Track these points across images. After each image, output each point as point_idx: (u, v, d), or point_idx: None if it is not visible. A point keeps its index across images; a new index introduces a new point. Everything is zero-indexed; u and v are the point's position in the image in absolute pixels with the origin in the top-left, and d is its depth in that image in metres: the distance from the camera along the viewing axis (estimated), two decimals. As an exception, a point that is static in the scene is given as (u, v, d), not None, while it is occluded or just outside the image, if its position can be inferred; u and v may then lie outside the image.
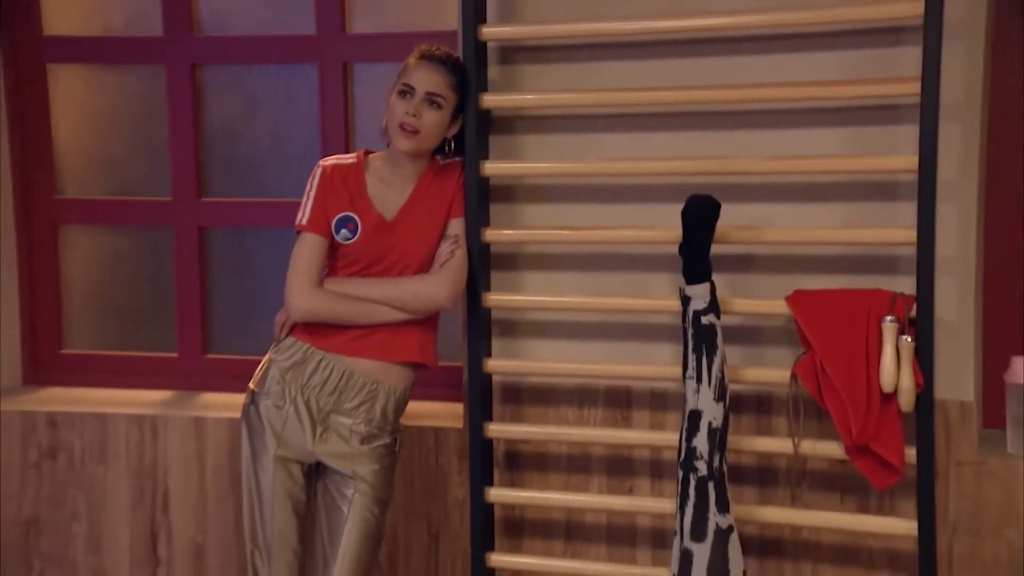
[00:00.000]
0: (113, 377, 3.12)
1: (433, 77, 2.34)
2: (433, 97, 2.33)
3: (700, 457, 2.18)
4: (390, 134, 2.36)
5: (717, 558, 2.16)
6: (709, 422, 2.19)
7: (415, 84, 2.33)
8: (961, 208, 2.27)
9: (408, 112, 2.31)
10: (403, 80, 2.35)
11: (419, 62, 2.36)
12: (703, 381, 2.21)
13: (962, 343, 2.29)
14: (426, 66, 2.35)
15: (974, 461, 2.30)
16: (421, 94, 2.32)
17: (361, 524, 2.38)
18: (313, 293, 2.38)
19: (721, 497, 2.18)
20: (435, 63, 2.36)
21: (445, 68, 2.36)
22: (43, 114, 3.12)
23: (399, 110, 2.33)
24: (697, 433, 2.19)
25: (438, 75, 2.34)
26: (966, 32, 2.23)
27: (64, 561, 2.89)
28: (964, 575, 2.31)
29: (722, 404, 2.21)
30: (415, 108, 2.32)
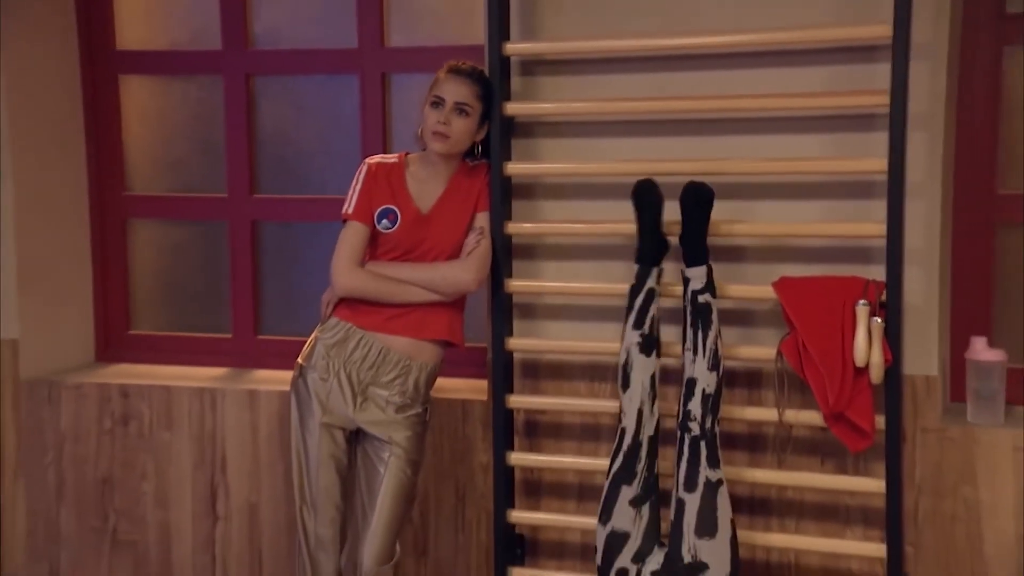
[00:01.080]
0: (175, 355, 3.41)
1: (461, 89, 2.63)
2: (461, 106, 2.63)
3: (694, 419, 2.48)
4: (425, 139, 2.65)
5: (706, 506, 2.45)
6: (703, 389, 2.49)
7: (445, 95, 2.63)
8: (926, 206, 2.54)
9: (440, 120, 2.60)
10: (435, 92, 2.63)
11: (448, 76, 2.64)
12: (698, 352, 2.51)
13: (927, 324, 2.57)
14: (454, 79, 2.64)
15: (937, 428, 2.58)
16: (450, 104, 2.62)
17: (396, 483, 2.68)
18: (355, 272, 2.67)
19: (712, 455, 2.48)
20: (462, 76, 2.65)
21: (471, 80, 2.64)
22: (115, 120, 3.41)
23: (432, 119, 2.63)
24: (692, 398, 2.49)
25: (465, 87, 2.63)
26: (930, 53, 2.49)
27: (134, 515, 3.20)
28: (927, 528, 2.59)
29: (715, 373, 2.50)
30: (446, 117, 2.61)
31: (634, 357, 2.57)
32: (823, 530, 2.67)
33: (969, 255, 2.72)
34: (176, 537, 3.17)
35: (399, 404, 2.68)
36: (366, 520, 2.68)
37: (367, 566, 2.65)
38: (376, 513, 2.66)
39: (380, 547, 2.65)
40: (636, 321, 2.58)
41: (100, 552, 3.23)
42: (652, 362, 2.57)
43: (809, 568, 2.70)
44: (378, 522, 2.66)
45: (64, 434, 3.23)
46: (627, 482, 2.55)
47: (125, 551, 3.21)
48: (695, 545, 2.47)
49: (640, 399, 2.56)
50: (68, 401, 3.22)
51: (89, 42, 3.39)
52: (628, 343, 2.58)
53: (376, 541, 2.65)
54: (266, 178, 3.38)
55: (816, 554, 2.68)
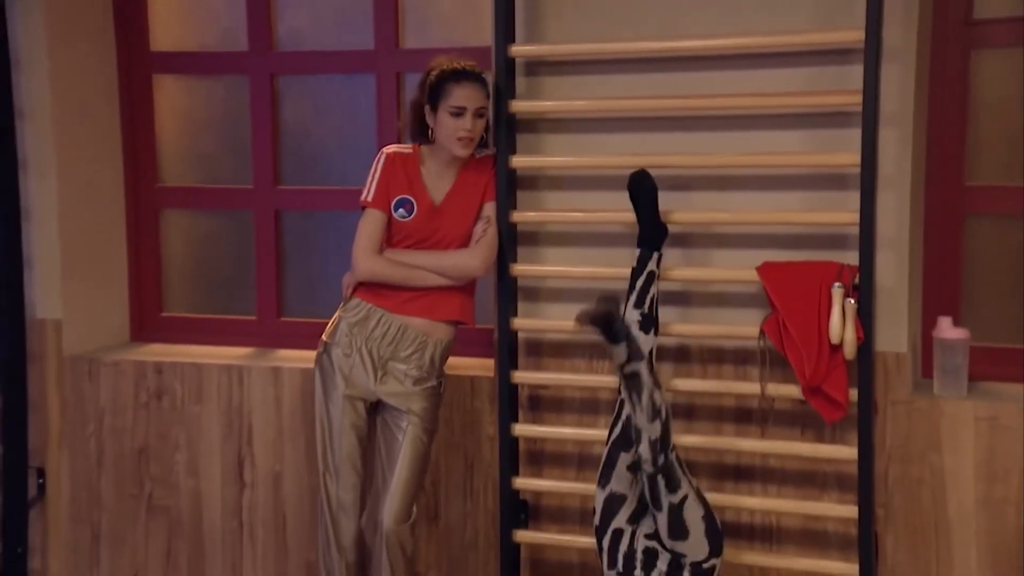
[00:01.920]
0: (204, 335, 3.61)
1: (476, 95, 2.79)
2: (479, 110, 2.80)
3: (646, 461, 2.60)
4: (445, 143, 2.80)
5: (675, 520, 2.59)
6: (649, 437, 2.60)
7: (465, 104, 2.76)
8: (897, 196, 2.75)
9: (466, 128, 2.77)
10: (452, 103, 2.76)
11: (460, 85, 2.76)
12: (636, 410, 2.60)
13: (897, 305, 2.77)
14: (468, 87, 2.77)
15: (906, 401, 2.79)
16: (471, 111, 2.78)
17: (413, 449, 2.90)
18: (374, 258, 2.89)
19: (670, 481, 2.59)
20: (473, 82, 2.78)
21: (480, 84, 2.80)
22: (149, 117, 3.61)
23: (453, 126, 2.76)
24: (641, 443, 2.60)
25: (478, 91, 2.79)
26: (900, 56, 2.69)
27: (168, 483, 3.42)
28: (896, 492, 2.80)
29: (657, 421, 2.59)
30: (471, 123, 2.78)
31: (634, 334, 2.79)
32: (802, 494, 2.88)
33: (939, 242, 2.93)
34: (207, 503, 3.39)
35: (416, 377, 2.90)
36: (386, 484, 2.90)
37: (387, 525, 2.87)
38: (395, 477, 2.88)
39: (399, 507, 2.87)
40: (637, 301, 2.80)
41: (137, 516, 3.45)
42: (651, 339, 2.79)
43: (790, 529, 2.91)
44: (397, 485, 2.87)
45: (103, 407, 3.46)
46: (625, 449, 2.76)
47: (160, 516, 3.43)
48: (671, 544, 2.66)
49: None
50: (107, 377, 3.45)
51: (126, 44, 3.59)
52: (628, 321, 2.79)
53: (395, 502, 2.87)
54: (289, 171, 3.57)
55: (796, 516, 2.89)
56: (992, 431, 2.71)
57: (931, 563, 2.78)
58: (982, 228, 2.95)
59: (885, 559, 2.81)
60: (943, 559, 2.77)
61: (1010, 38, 2.87)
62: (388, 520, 2.87)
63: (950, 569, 2.76)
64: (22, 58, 3.32)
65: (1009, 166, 2.94)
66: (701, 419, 2.96)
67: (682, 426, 2.95)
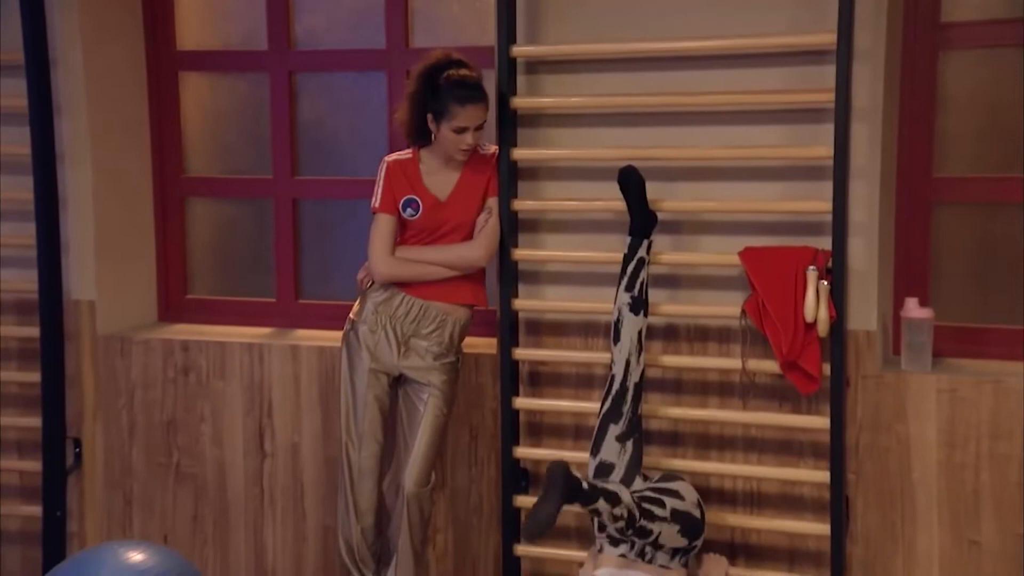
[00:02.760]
0: (226, 316, 3.78)
1: (477, 114, 2.97)
2: (479, 125, 3.01)
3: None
4: (448, 151, 3.01)
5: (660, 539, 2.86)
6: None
7: (467, 124, 2.96)
8: (867, 186, 2.96)
9: (467, 143, 2.98)
10: (457, 123, 2.94)
11: (464, 108, 2.93)
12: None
13: (867, 287, 2.99)
14: (471, 109, 2.95)
15: (876, 375, 3.01)
16: (473, 129, 2.98)
17: (433, 418, 3.13)
18: (390, 262, 3.12)
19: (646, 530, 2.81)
20: (476, 104, 2.95)
21: (482, 103, 2.97)
22: (175, 111, 3.79)
23: (456, 140, 2.97)
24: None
25: (480, 111, 2.98)
26: (870, 57, 2.90)
27: (194, 452, 3.64)
28: (866, 459, 3.02)
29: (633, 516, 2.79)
30: (473, 138, 2.99)
31: (625, 315, 3.02)
32: (780, 461, 3.10)
33: (909, 229, 3.14)
34: (230, 471, 3.62)
35: (436, 353, 3.13)
36: (408, 451, 3.13)
37: (409, 488, 3.10)
38: (416, 444, 3.11)
39: (420, 472, 3.11)
40: (628, 284, 3.03)
41: (165, 483, 3.68)
42: (640, 320, 3.02)
43: (769, 494, 3.13)
44: (418, 451, 3.11)
45: (134, 383, 3.67)
46: (615, 421, 3.00)
47: (187, 483, 3.66)
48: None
49: (628, 351, 3.00)
50: (137, 354, 3.67)
51: (154, 44, 3.77)
52: (620, 303, 3.03)
53: (416, 467, 3.10)
54: (306, 162, 3.74)
55: (774, 481, 3.11)
56: (952, 402, 2.93)
57: (897, 523, 3.01)
58: (949, 216, 3.16)
59: (856, 520, 3.03)
60: (908, 519, 3.00)
61: (975, 40, 3.09)
62: (410, 484, 3.11)
63: (914, 528, 3.00)
64: (59, 58, 3.52)
65: (975, 159, 3.16)
66: (687, 393, 3.18)
67: (670, 399, 3.18)
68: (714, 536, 3.08)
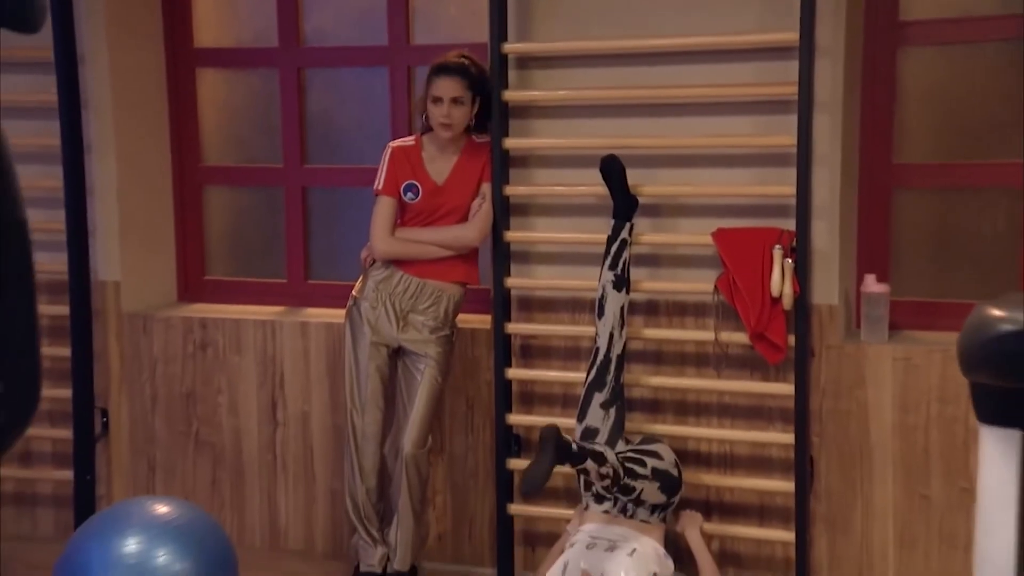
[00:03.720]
0: (241, 296, 4.00)
1: (452, 86, 3.22)
2: (456, 99, 3.26)
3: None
4: (433, 127, 3.28)
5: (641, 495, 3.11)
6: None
7: (442, 94, 3.22)
8: (829, 172, 3.19)
9: (443, 114, 3.23)
10: (432, 93, 3.20)
11: (439, 76, 3.20)
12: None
13: (829, 265, 3.23)
14: (445, 79, 3.21)
15: (837, 345, 3.25)
16: (447, 100, 3.23)
17: (430, 386, 3.38)
18: (390, 241, 3.38)
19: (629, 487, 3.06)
20: (451, 74, 3.21)
21: (459, 76, 3.22)
22: (192, 105, 4.00)
23: (436, 114, 3.22)
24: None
25: (454, 83, 3.22)
26: (830, 53, 3.13)
27: (212, 422, 3.88)
28: (829, 422, 3.26)
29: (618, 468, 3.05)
30: (447, 111, 3.25)
31: (608, 292, 3.27)
32: (751, 425, 3.35)
33: (870, 212, 3.39)
34: (245, 439, 3.86)
35: (432, 327, 3.39)
36: (406, 416, 3.38)
37: (407, 450, 3.36)
38: (414, 410, 3.36)
39: (417, 435, 3.37)
40: (611, 263, 3.28)
41: (186, 451, 3.93)
42: (622, 296, 3.28)
43: (740, 455, 3.39)
44: (416, 416, 3.36)
45: (156, 357, 3.92)
46: (599, 389, 3.26)
47: (205, 450, 3.91)
48: None
49: (612, 325, 3.26)
50: (159, 331, 3.91)
51: (173, 42, 3.98)
52: (604, 281, 3.28)
53: (414, 431, 3.36)
54: (314, 151, 3.94)
55: (745, 444, 3.36)
56: (906, 370, 3.18)
57: (856, 480, 3.27)
58: (908, 200, 3.41)
59: (819, 478, 3.29)
60: (866, 477, 3.26)
61: (932, 37, 3.33)
62: (408, 446, 3.37)
63: (871, 485, 3.25)
64: (86, 56, 3.75)
65: (931, 147, 3.41)
66: (666, 363, 3.43)
67: (651, 369, 3.43)
68: (690, 494, 3.33)
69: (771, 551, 3.35)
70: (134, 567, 2.77)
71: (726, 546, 3.39)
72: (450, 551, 3.68)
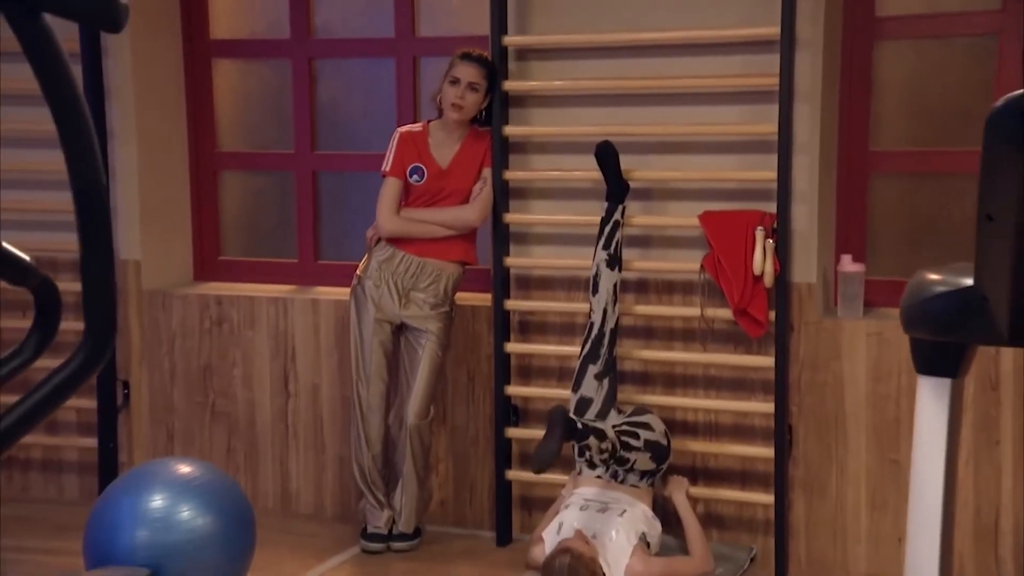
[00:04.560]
0: (254, 275, 4.18)
1: (472, 71, 3.48)
2: (472, 85, 3.51)
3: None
4: (444, 108, 3.52)
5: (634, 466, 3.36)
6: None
7: (460, 76, 3.48)
8: (808, 159, 3.39)
9: (457, 95, 3.49)
10: (452, 73, 3.46)
11: (462, 61, 3.46)
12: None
13: (808, 245, 3.43)
14: (467, 64, 3.47)
15: (815, 321, 3.46)
16: (464, 83, 3.49)
17: (431, 360, 3.60)
18: (395, 219, 3.59)
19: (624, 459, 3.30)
20: (473, 62, 3.48)
21: (479, 65, 3.49)
22: (208, 93, 4.19)
23: (450, 94, 3.48)
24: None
25: (475, 69, 3.49)
26: (810, 47, 3.33)
27: (228, 393, 4.08)
28: (807, 393, 3.47)
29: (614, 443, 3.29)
30: (461, 92, 3.50)
31: (602, 270, 3.49)
32: (734, 396, 3.55)
33: (848, 196, 3.59)
34: (258, 409, 4.07)
35: (432, 304, 3.60)
36: (409, 389, 3.60)
37: (411, 420, 3.58)
38: (416, 382, 3.58)
39: (420, 406, 3.58)
40: (604, 244, 3.50)
41: (203, 420, 4.14)
42: (615, 274, 3.49)
43: (724, 424, 3.59)
44: (418, 388, 3.58)
45: (175, 332, 4.12)
46: (593, 362, 3.48)
47: (221, 419, 4.12)
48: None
49: (605, 301, 3.47)
50: (177, 308, 4.11)
51: (190, 34, 4.17)
52: (598, 260, 3.50)
53: (417, 402, 3.58)
54: (323, 138, 4.11)
55: (729, 413, 3.57)
56: (879, 344, 3.40)
57: (832, 447, 3.49)
58: (884, 185, 3.62)
59: (798, 445, 3.50)
60: (840, 443, 3.48)
61: (907, 32, 3.54)
62: (411, 416, 3.59)
63: (846, 451, 3.47)
64: (109, 48, 3.95)
65: (906, 135, 3.62)
66: (656, 338, 3.64)
67: (641, 343, 3.64)
68: (677, 460, 3.54)
69: (752, 513, 3.57)
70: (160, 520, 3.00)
71: (710, 508, 3.61)
72: (452, 515, 3.90)
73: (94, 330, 1.27)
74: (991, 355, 3.25)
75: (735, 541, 3.58)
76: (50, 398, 1.27)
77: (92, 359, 1.27)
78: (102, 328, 1.27)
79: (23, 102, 3.79)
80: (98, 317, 1.28)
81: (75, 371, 1.27)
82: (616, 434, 3.31)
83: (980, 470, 3.31)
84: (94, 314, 1.28)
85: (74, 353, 1.29)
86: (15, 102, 3.64)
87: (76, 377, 1.27)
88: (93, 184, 1.24)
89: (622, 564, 3.25)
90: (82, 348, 1.28)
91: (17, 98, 3.48)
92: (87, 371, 1.26)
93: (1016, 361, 3.25)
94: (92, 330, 1.27)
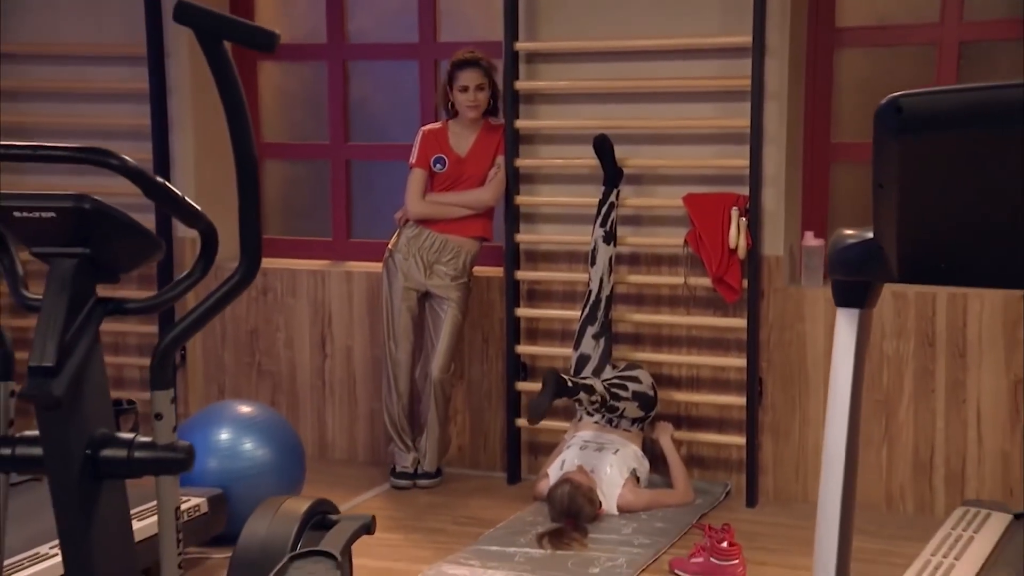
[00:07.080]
0: (294, 251, 4.66)
1: (474, 76, 4.00)
2: (479, 85, 4.06)
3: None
4: (460, 111, 4.03)
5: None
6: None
7: (468, 83, 4.00)
8: (776, 149, 3.92)
9: (470, 101, 4.01)
10: (459, 83, 3.96)
11: (462, 69, 3.95)
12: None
13: (776, 224, 3.96)
14: (469, 70, 3.98)
15: (782, 289, 4.00)
16: (473, 87, 4.03)
17: (452, 323, 4.15)
18: (422, 204, 4.15)
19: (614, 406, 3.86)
20: (471, 66, 3.98)
21: (478, 67, 3.99)
22: (254, 91, 4.64)
23: (464, 100, 3.99)
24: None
25: (476, 72, 4.00)
26: (778, 53, 3.86)
27: (272, 353, 4.62)
28: (775, 351, 4.00)
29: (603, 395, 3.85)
30: (473, 96, 4.05)
31: (599, 245, 4.04)
32: (713, 353, 4.09)
33: (812, 181, 4.14)
34: (299, 368, 4.60)
35: (453, 275, 4.16)
36: (433, 348, 4.16)
37: (435, 374, 4.14)
38: (439, 342, 4.14)
39: (443, 362, 4.14)
40: (601, 222, 4.05)
41: (250, 379, 4.66)
42: (610, 248, 4.05)
43: (705, 377, 4.13)
44: (441, 347, 4.14)
45: None
46: (591, 324, 4.04)
47: (266, 378, 4.65)
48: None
49: (602, 272, 4.03)
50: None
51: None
52: (596, 236, 4.06)
53: (440, 358, 4.13)
54: (356, 131, 4.63)
55: (709, 368, 4.11)
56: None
57: (796, 397, 4.04)
58: (843, 172, 4.17)
59: (766, 395, 4.05)
60: (803, 394, 4.03)
61: (864, 40, 4.09)
62: (435, 371, 4.16)
63: (807, 400, 4.03)
64: (171, 50, 4.48)
65: (863, 129, 4.16)
66: (646, 304, 4.18)
67: (633, 308, 4.19)
68: (664, 409, 4.09)
69: (727, 454, 4.13)
70: (226, 451, 3.59)
71: (692, 450, 4.17)
72: (468, 459, 4.45)
73: (249, 255, 1.82)
74: (928, 316, 3.81)
75: (712, 478, 4.14)
76: (216, 305, 1.83)
77: (246, 276, 1.82)
78: (254, 255, 1.83)
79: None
80: (251, 247, 1.83)
81: (234, 285, 1.83)
82: (606, 387, 3.87)
83: (919, 414, 3.88)
84: (249, 245, 1.83)
85: (232, 273, 1.85)
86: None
87: (235, 289, 1.83)
88: (249, 156, 1.79)
89: (615, 494, 3.82)
90: (239, 269, 1.84)
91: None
92: (242, 285, 1.82)
93: (949, 321, 3.81)
94: (247, 255, 1.82)
